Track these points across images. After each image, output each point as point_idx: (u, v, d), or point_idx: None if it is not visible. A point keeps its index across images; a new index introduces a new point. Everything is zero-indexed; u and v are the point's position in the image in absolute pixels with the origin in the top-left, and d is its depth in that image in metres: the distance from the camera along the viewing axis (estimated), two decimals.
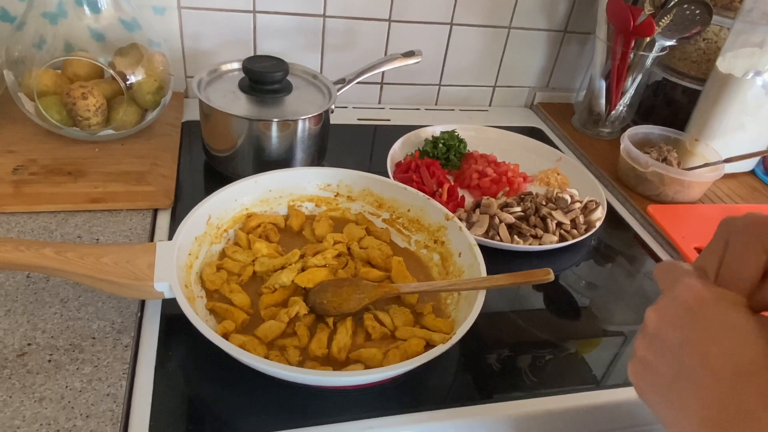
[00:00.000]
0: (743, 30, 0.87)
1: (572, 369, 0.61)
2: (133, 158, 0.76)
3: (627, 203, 0.88)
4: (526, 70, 1.12)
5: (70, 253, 0.51)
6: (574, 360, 0.62)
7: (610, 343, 0.65)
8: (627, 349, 0.64)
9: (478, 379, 0.58)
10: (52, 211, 0.67)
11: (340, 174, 0.72)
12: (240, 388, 0.52)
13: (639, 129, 0.94)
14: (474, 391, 0.56)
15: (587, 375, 0.60)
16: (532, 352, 0.62)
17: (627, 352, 0.64)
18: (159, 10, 0.89)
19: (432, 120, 1.02)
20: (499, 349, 0.62)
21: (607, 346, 0.65)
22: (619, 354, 0.64)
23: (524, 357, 0.61)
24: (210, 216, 0.63)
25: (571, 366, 0.62)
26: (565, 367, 0.61)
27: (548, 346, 0.64)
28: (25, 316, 0.54)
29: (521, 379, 0.58)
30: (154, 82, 0.76)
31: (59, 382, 0.49)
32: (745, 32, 0.87)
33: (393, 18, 0.98)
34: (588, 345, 0.65)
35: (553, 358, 0.62)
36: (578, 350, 0.64)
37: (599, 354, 0.64)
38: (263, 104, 0.77)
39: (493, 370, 0.59)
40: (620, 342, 0.66)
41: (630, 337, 0.66)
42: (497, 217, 0.75)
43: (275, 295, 0.59)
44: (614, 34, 0.94)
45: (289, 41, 0.96)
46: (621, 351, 0.64)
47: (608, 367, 0.62)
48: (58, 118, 0.73)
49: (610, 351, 0.64)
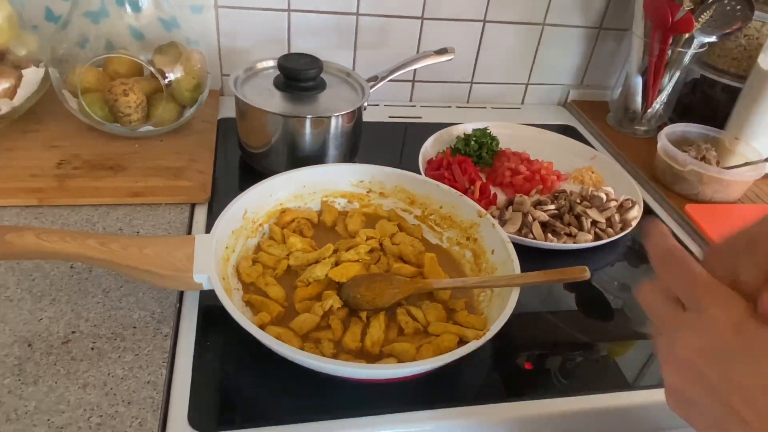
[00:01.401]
0: None
1: (603, 371, 0.60)
2: (172, 154, 0.77)
3: (664, 202, 0.87)
4: (559, 67, 1.11)
5: (114, 244, 0.52)
6: (606, 362, 0.61)
7: (642, 346, 0.64)
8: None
9: (507, 378, 0.57)
10: (94, 204, 0.69)
11: (373, 170, 0.73)
12: (274, 378, 0.53)
13: (676, 127, 0.92)
14: (503, 390, 0.56)
15: (618, 378, 0.59)
16: (562, 352, 0.61)
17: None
18: (197, 9, 0.91)
19: (463, 118, 1.01)
20: (529, 348, 0.61)
21: (639, 348, 0.64)
22: (652, 357, 0.63)
23: (555, 357, 0.61)
24: (246, 210, 0.65)
25: (602, 368, 0.61)
26: (596, 369, 0.60)
27: (579, 347, 0.63)
28: (69, 304, 0.56)
29: (550, 379, 0.58)
30: (192, 80, 0.78)
31: (102, 369, 0.51)
32: None
33: (426, 15, 0.98)
34: (620, 347, 0.64)
35: (584, 359, 0.61)
36: (609, 352, 0.63)
37: (631, 357, 0.63)
38: (298, 101, 0.78)
39: (523, 369, 0.58)
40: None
41: None
42: (530, 214, 0.74)
43: (309, 288, 0.60)
44: (651, 30, 0.93)
45: (323, 39, 0.97)
46: (653, 354, 0.63)
47: (640, 370, 0.61)
48: (100, 114, 0.75)
49: (643, 354, 0.63)
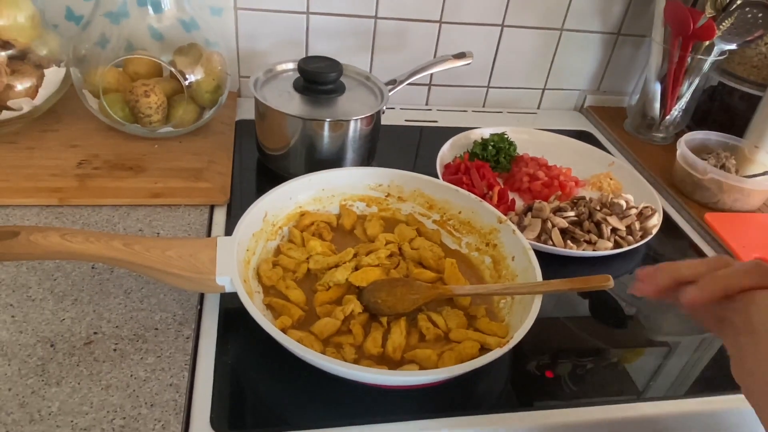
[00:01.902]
0: None
1: (616, 379, 0.60)
2: (191, 155, 0.78)
3: (683, 210, 0.86)
4: (577, 72, 1.10)
5: (137, 246, 0.53)
6: (618, 370, 0.61)
7: (656, 354, 0.64)
8: (673, 361, 0.63)
9: (527, 386, 0.57)
10: (114, 204, 0.69)
11: (392, 174, 0.72)
12: (295, 382, 0.53)
13: (696, 134, 0.92)
14: (523, 398, 0.56)
15: (629, 386, 0.59)
16: (577, 359, 0.61)
17: (671, 364, 0.62)
18: (216, 11, 0.91)
19: (480, 122, 1.01)
20: (547, 354, 0.61)
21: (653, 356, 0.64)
22: (662, 365, 0.62)
23: (569, 364, 0.60)
24: (266, 213, 0.64)
25: (615, 376, 0.60)
26: (609, 377, 0.60)
27: (593, 353, 0.62)
28: (90, 305, 0.56)
29: (569, 388, 0.57)
30: (213, 81, 0.78)
31: (124, 370, 0.51)
32: None
33: (444, 19, 0.98)
34: (634, 354, 0.64)
35: (595, 366, 0.61)
36: (621, 359, 0.62)
37: (644, 364, 0.62)
38: (317, 104, 0.78)
39: (542, 377, 0.58)
40: (687, 357, 0.64)
41: (675, 349, 0.64)
42: (550, 221, 0.74)
43: (330, 292, 0.60)
44: (672, 37, 0.92)
45: (341, 42, 0.97)
46: (664, 362, 0.63)
47: (650, 379, 0.61)
48: (121, 114, 0.75)
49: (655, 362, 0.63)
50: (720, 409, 0.58)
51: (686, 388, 0.60)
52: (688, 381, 0.61)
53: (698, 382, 0.60)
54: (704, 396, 0.59)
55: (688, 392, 0.59)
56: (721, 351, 0.65)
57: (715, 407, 0.58)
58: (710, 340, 0.66)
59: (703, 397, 0.59)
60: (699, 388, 0.59)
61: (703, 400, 0.58)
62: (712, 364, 0.63)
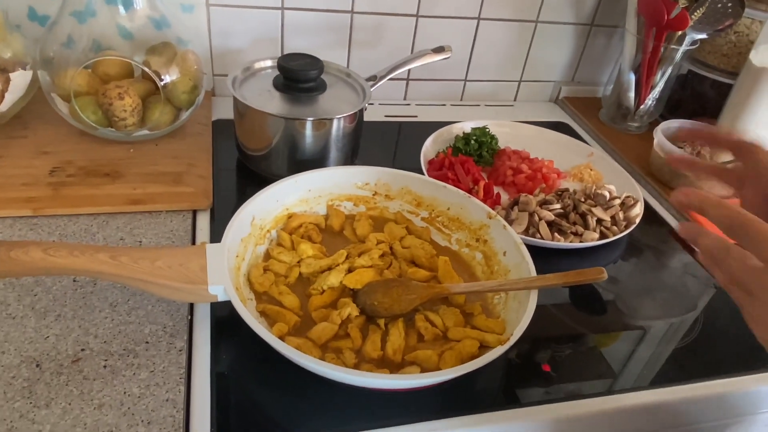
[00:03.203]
0: None
1: (594, 362, 0.61)
2: (169, 159, 0.75)
3: (662, 198, 0.88)
4: (552, 64, 1.11)
5: (124, 257, 0.50)
6: (596, 354, 0.62)
7: (653, 342, 0.65)
8: (658, 353, 0.64)
9: (526, 380, 0.57)
10: (92, 213, 0.67)
11: (379, 173, 0.72)
12: (295, 389, 0.52)
13: (671, 123, 0.93)
14: (524, 393, 0.56)
15: (606, 369, 0.60)
16: (557, 345, 0.62)
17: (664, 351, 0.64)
18: (187, 7, 0.88)
19: (458, 116, 1.01)
20: (544, 346, 0.62)
21: (655, 346, 0.65)
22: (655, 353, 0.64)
23: (571, 356, 0.61)
24: (254, 217, 0.63)
25: (594, 360, 0.61)
26: (589, 361, 0.61)
27: (574, 339, 0.63)
28: (75, 320, 0.54)
29: (554, 376, 0.58)
30: (189, 81, 0.76)
31: (117, 388, 0.49)
32: None
33: (421, 13, 0.97)
34: (609, 338, 0.65)
35: (573, 352, 0.62)
36: (597, 344, 0.63)
37: (623, 350, 0.64)
38: (298, 103, 0.77)
39: (540, 371, 0.58)
40: (664, 341, 0.66)
41: (668, 334, 0.66)
42: (536, 214, 0.74)
43: (324, 296, 0.59)
44: (645, 27, 0.93)
45: (317, 38, 0.95)
46: (657, 353, 0.64)
47: (626, 363, 0.62)
48: (94, 118, 0.72)
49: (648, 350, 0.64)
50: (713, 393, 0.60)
51: (666, 371, 0.61)
52: (660, 364, 0.62)
53: (680, 366, 0.62)
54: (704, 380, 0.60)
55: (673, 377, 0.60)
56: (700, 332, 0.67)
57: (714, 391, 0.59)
58: (684, 324, 0.68)
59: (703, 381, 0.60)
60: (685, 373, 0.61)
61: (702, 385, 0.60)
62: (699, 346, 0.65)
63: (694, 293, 0.74)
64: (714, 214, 0.42)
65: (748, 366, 0.62)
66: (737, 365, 0.62)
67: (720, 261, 0.43)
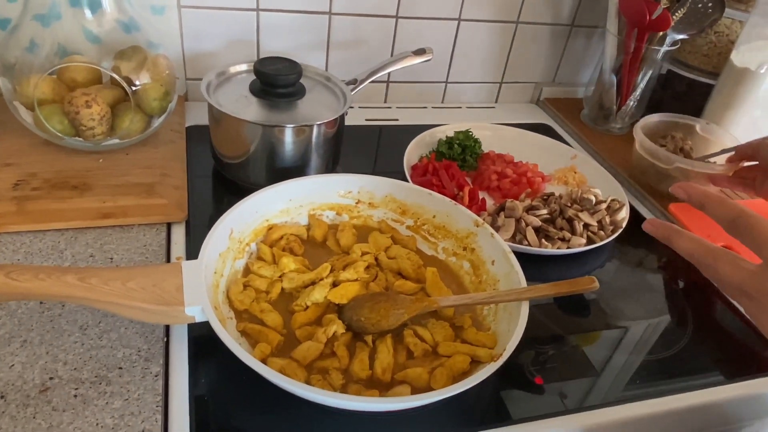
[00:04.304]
0: (758, 23, 0.86)
1: (578, 361, 0.60)
2: (141, 169, 0.72)
3: (646, 201, 0.87)
4: (532, 65, 1.10)
5: (94, 279, 0.47)
6: (583, 360, 0.61)
7: (636, 345, 0.64)
8: (643, 356, 0.63)
9: (517, 394, 0.56)
10: (59, 228, 0.63)
11: (361, 180, 0.69)
12: (280, 413, 0.49)
13: (650, 118, 0.91)
14: (515, 408, 0.54)
15: (589, 369, 0.59)
16: (546, 354, 0.61)
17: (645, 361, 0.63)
18: (158, 9, 0.84)
19: (439, 119, 0.99)
20: (533, 356, 0.60)
21: (638, 349, 0.64)
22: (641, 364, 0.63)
23: (554, 361, 0.60)
24: (232, 230, 0.60)
25: (584, 368, 0.60)
26: (578, 370, 0.60)
27: (557, 342, 0.62)
28: (43, 346, 0.51)
29: (559, 396, 0.57)
30: (161, 87, 0.72)
31: (89, 419, 0.46)
32: (759, 25, 0.86)
33: (401, 14, 0.95)
34: (591, 338, 0.64)
35: (562, 357, 0.61)
36: (580, 344, 0.62)
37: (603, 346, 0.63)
38: (276, 109, 0.74)
39: (532, 384, 0.57)
40: (647, 344, 0.65)
41: (656, 340, 0.65)
42: (523, 220, 0.73)
43: (308, 312, 0.56)
44: (627, 28, 0.93)
45: (294, 40, 0.93)
46: (641, 356, 0.63)
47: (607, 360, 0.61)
48: (60, 128, 0.68)
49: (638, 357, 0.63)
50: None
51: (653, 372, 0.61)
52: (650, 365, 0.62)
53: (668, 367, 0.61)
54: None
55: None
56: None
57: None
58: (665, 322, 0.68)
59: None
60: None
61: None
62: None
63: (679, 295, 0.73)
64: (716, 211, 0.42)
65: (735, 367, 0.62)
66: (725, 368, 0.62)
67: (707, 266, 0.42)
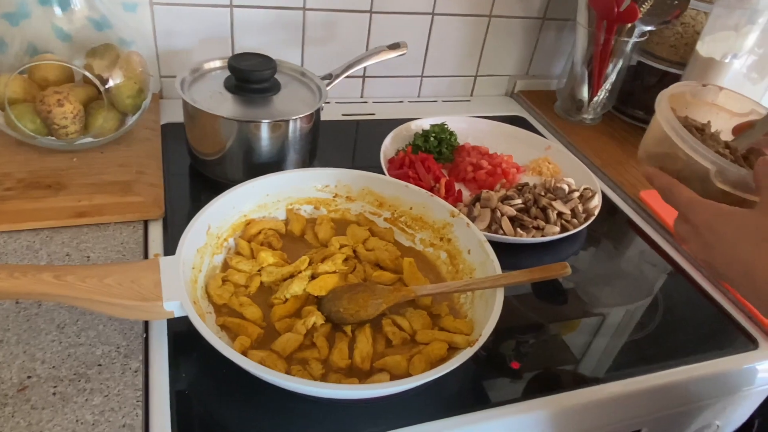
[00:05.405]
0: (721, 14, 0.89)
1: (560, 356, 0.61)
2: (116, 167, 0.71)
3: (618, 189, 0.89)
4: (506, 58, 1.11)
5: (71, 276, 0.47)
6: (559, 344, 0.62)
7: (613, 330, 0.66)
8: (619, 340, 0.65)
9: (496, 379, 0.57)
10: (34, 228, 0.63)
11: (339, 174, 0.70)
12: (261, 404, 0.50)
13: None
14: (495, 391, 0.55)
15: (569, 355, 0.61)
16: (522, 339, 0.62)
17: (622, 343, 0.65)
18: (130, 6, 0.84)
19: (416, 112, 1.00)
20: (511, 340, 0.61)
21: (615, 333, 0.66)
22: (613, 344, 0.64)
23: (540, 353, 0.61)
24: (209, 226, 0.60)
25: (561, 353, 0.62)
26: (554, 354, 0.61)
27: (534, 330, 0.64)
28: (20, 345, 0.50)
29: (529, 376, 0.58)
30: (134, 85, 0.72)
31: (68, 416, 0.46)
32: (722, 16, 0.89)
33: (374, 9, 0.95)
34: (570, 326, 0.66)
35: (538, 343, 0.62)
36: (560, 333, 0.64)
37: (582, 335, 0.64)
38: (252, 104, 0.74)
39: (509, 369, 0.58)
40: (624, 328, 0.66)
41: (630, 323, 0.67)
42: (498, 210, 0.74)
43: (287, 305, 0.57)
44: (596, 20, 0.94)
45: (269, 36, 0.93)
46: (618, 340, 0.65)
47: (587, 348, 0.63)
48: (32, 127, 0.67)
49: (618, 339, 0.65)
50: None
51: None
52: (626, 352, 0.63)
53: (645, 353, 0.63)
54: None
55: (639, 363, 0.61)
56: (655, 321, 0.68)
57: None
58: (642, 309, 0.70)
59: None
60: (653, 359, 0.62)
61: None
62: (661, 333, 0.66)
63: (651, 280, 0.75)
64: (655, 183, 0.54)
65: (706, 348, 0.64)
66: (697, 348, 0.64)
67: (669, 194, 0.53)
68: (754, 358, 0.64)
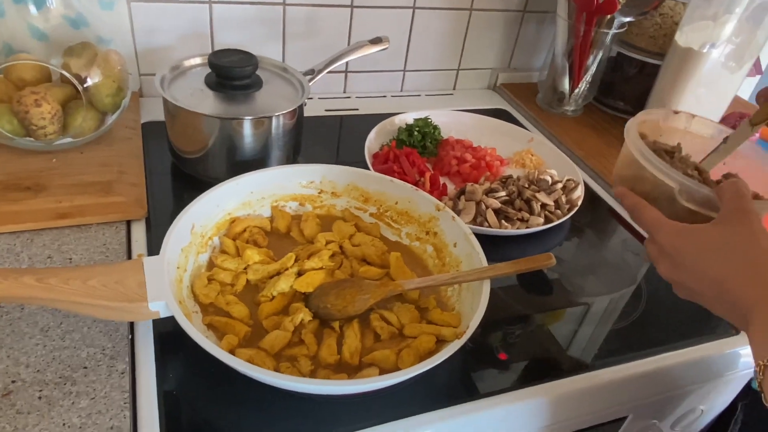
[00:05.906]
0: (699, 4, 0.90)
1: (544, 339, 0.62)
2: (97, 167, 0.70)
3: (600, 179, 0.90)
4: (488, 51, 1.12)
5: (53, 279, 0.47)
6: (545, 334, 0.63)
7: (598, 318, 0.67)
8: (604, 328, 0.66)
9: (485, 370, 0.57)
10: (14, 231, 0.62)
11: (323, 170, 0.70)
12: (251, 403, 0.50)
13: None
14: (484, 382, 0.56)
15: (554, 345, 0.62)
16: (509, 330, 0.63)
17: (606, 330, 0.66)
18: (107, 4, 0.82)
19: (399, 107, 1.00)
20: (499, 331, 0.62)
21: (600, 322, 0.66)
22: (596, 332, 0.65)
23: (527, 342, 0.62)
24: (194, 225, 0.60)
25: (547, 342, 0.62)
26: (541, 344, 0.62)
27: (521, 321, 0.64)
28: (3, 350, 0.50)
29: (517, 366, 0.59)
30: (113, 84, 0.71)
31: (55, 420, 0.45)
32: (700, 6, 0.90)
33: (355, 4, 0.95)
34: (555, 316, 0.66)
35: (525, 333, 0.63)
36: (545, 323, 0.64)
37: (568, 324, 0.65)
38: (234, 101, 0.73)
39: (497, 360, 0.59)
40: (608, 317, 0.67)
41: (614, 312, 0.68)
42: (483, 203, 0.74)
43: (274, 303, 0.57)
44: (576, 12, 0.95)
45: (249, 32, 0.92)
46: (603, 328, 0.66)
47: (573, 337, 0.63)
48: (9, 128, 0.66)
49: (603, 328, 0.66)
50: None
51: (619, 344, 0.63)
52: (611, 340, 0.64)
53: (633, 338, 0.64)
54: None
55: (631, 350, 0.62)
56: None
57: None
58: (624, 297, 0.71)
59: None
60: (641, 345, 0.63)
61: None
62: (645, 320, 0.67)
63: (634, 268, 0.76)
64: (624, 203, 0.57)
65: (690, 334, 0.65)
66: (681, 335, 0.65)
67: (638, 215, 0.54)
68: (735, 343, 0.66)
